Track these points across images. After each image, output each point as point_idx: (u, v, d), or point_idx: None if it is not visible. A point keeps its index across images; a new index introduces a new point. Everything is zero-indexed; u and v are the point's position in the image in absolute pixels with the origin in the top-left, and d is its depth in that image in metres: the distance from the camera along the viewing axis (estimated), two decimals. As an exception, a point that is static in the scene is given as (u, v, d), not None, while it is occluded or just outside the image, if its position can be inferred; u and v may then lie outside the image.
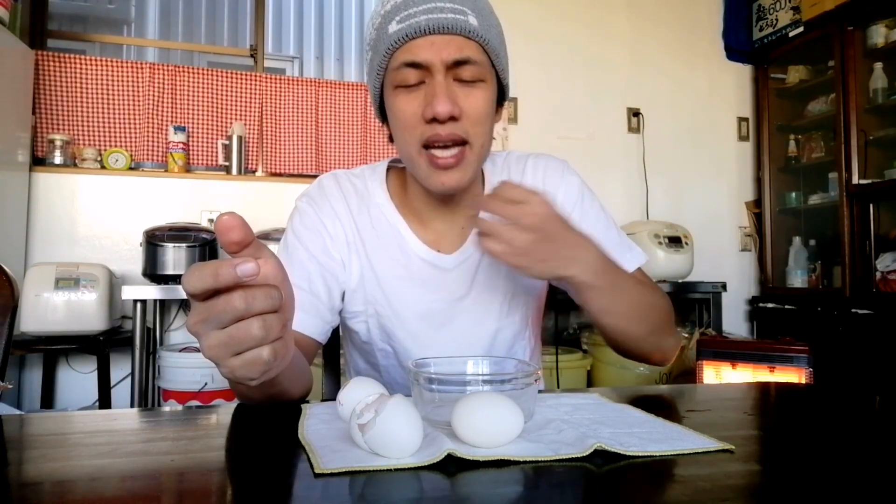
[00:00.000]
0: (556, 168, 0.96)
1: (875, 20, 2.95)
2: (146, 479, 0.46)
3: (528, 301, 0.96)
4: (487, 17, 0.80)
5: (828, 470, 0.50)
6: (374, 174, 0.95)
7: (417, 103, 0.78)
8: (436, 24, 0.75)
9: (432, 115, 0.76)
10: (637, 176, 3.40)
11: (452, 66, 0.77)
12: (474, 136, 0.79)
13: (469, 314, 0.91)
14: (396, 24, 0.77)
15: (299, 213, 0.92)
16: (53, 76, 2.71)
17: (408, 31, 0.76)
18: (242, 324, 0.45)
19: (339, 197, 0.92)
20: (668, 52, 3.51)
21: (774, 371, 2.39)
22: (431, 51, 0.76)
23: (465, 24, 0.76)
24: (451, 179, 0.80)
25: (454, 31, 0.76)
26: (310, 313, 0.84)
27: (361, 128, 3.14)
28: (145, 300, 2.27)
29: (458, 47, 0.76)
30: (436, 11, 0.76)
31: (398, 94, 0.79)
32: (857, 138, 2.98)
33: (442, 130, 0.77)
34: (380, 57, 0.79)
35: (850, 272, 2.97)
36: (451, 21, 0.76)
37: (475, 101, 0.78)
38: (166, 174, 2.80)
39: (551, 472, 0.47)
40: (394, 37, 0.77)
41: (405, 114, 0.79)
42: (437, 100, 0.75)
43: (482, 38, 0.78)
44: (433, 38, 0.76)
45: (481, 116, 0.79)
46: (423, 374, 0.61)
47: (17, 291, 0.92)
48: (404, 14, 0.77)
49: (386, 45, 0.78)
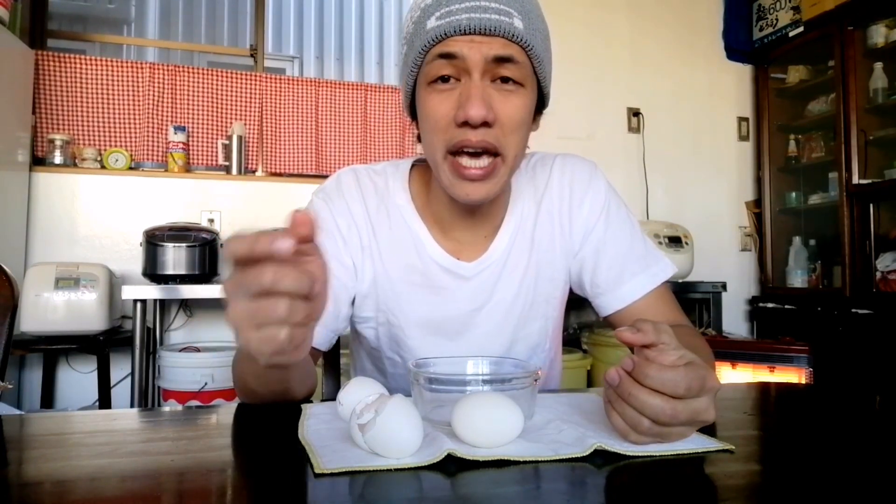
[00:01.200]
0: (584, 173, 0.91)
1: (875, 20, 2.95)
2: (146, 479, 0.46)
3: (547, 312, 0.92)
4: (534, 20, 0.75)
5: (828, 470, 0.50)
6: (396, 172, 0.90)
7: (450, 104, 0.73)
8: (478, 24, 0.70)
9: (464, 118, 0.70)
10: (637, 176, 3.40)
11: (492, 65, 0.71)
12: (506, 146, 0.74)
13: (484, 326, 0.88)
14: (436, 20, 0.72)
15: (314, 210, 0.87)
16: (53, 76, 2.71)
17: (447, 29, 0.71)
18: (270, 300, 0.46)
19: (357, 195, 0.88)
20: (668, 52, 3.51)
21: (774, 371, 2.39)
22: (470, 46, 0.71)
23: (509, 26, 0.71)
24: (477, 192, 0.75)
25: (497, 33, 0.70)
26: None
27: (361, 128, 3.14)
28: (145, 300, 2.27)
29: (501, 46, 0.71)
30: (479, 11, 0.70)
31: (430, 93, 0.74)
32: (857, 138, 2.98)
33: (473, 136, 0.72)
34: (415, 53, 0.74)
35: (850, 272, 2.97)
36: (495, 22, 0.70)
37: (512, 107, 0.73)
38: (166, 174, 2.80)
39: (551, 472, 0.47)
40: (431, 33, 0.72)
41: (437, 114, 0.74)
42: (470, 102, 0.70)
43: (526, 43, 0.72)
44: (474, 37, 0.71)
45: (516, 124, 0.74)
46: (423, 374, 0.61)
47: (17, 291, 0.92)
48: (445, 10, 0.72)
49: (423, 42, 0.73)
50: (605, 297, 0.89)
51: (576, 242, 0.90)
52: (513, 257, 0.88)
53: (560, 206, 0.90)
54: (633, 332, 0.54)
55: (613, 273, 0.88)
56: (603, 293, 0.89)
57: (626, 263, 0.88)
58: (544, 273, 0.90)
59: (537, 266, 0.89)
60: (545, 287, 0.90)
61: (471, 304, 0.87)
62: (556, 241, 0.90)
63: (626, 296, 0.88)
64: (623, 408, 0.53)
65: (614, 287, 0.88)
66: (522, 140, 0.77)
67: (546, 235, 0.90)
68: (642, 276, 0.88)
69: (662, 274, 0.89)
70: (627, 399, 0.52)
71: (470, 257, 0.87)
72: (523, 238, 0.89)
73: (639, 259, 0.89)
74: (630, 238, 0.90)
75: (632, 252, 0.89)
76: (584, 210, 0.90)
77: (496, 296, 0.88)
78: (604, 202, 0.91)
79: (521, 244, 0.89)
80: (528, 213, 0.90)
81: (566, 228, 0.90)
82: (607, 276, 0.89)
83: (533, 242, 0.89)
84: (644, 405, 0.51)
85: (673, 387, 0.52)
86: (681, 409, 0.52)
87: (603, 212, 0.90)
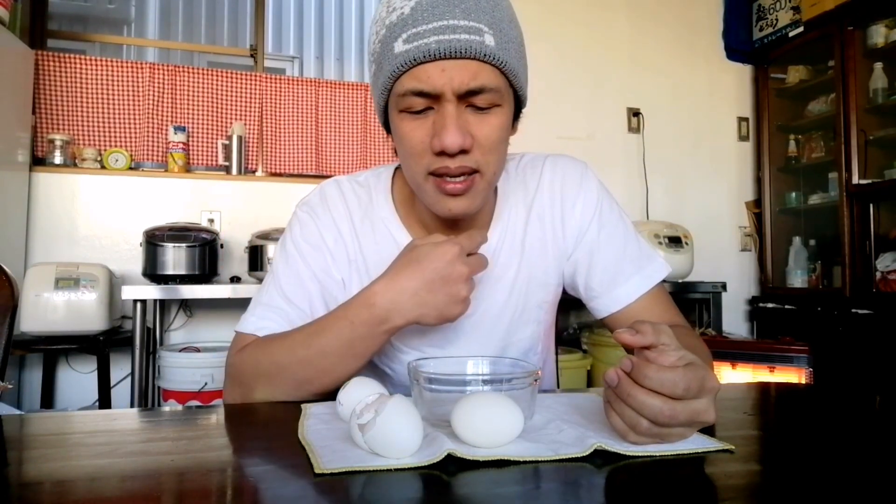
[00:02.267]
0: (575, 174, 0.90)
1: (875, 20, 2.95)
2: (146, 479, 0.46)
3: (539, 317, 0.91)
4: (506, 30, 0.71)
5: (828, 470, 0.50)
6: (378, 183, 0.89)
7: (424, 131, 0.71)
8: (447, 47, 0.67)
9: (441, 147, 0.69)
10: (637, 176, 3.40)
11: (465, 95, 0.69)
12: (486, 164, 0.73)
13: (475, 334, 0.87)
14: (403, 43, 0.68)
15: (299, 223, 0.87)
16: (53, 76, 2.71)
17: (416, 55, 0.68)
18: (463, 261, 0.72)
19: (343, 209, 0.87)
20: (668, 52, 3.51)
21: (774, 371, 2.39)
22: (442, 78, 0.68)
23: (479, 45, 0.67)
24: (458, 206, 0.74)
25: (468, 56, 0.67)
26: None
27: (361, 128, 3.14)
28: (145, 300, 2.27)
29: (472, 74, 0.68)
30: (447, 31, 0.67)
31: (403, 120, 0.72)
32: (857, 138, 2.98)
33: (451, 163, 0.70)
34: (384, 77, 0.71)
35: (850, 272, 2.97)
36: (465, 43, 0.67)
37: (488, 128, 0.71)
38: (166, 174, 2.80)
39: (551, 472, 0.47)
40: (400, 59, 0.69)
41: (412, 140, 0.72)
42: (446, 132, 0.68)
43: (499, 61, 0.69)
44: (444, 63, 0.67)
45: (494, 144, 0.73)
46: (423, 374, 0.61)
47: (17, 291, 0.92)
48: (412, 32, 0.68)
49: (392, 67, 0.70)
50: (601, 299, 0.88)
51: (569, 245, 0.89)
52: (501, 263, 0.87)
53: (552, 209, 0.89)
54: (632, 334, 0.54)
55: (608, 276, 0.87)
56: (598, 296, 0.88)
57: (620, 265, 0.87)
58: (536, 278, 0.89)
59: (529, 271, 0.88)
60: (537, 293, 0.89)
61: None
62: (549, 245, 0.89)
63: (621, 298, 0.87)
64: (622, 408, 0.53)
65: (609, 289, 0.87)
66: (502, 155, 0.76)
67: (537, 240, 0.88)
68: (637, 278, 0.87)
69: (657, 274, 0.88)
70: (626, 400, 0.52)
71: None
72: (512, 244, 0.88)
73: (633, 260, 0.88)
74: (623, 239, 0.89)
75: (626, 253, 0.88)
76: (576, 212, 0.89)
77: (485, 303, 0.86)
78: (596, 203, 0.89)
79: (510, 250, 0.87)
80: (517, 219, 0.88)
81: (559, 231, 0.89)
82: (602, 278, 0.88)
83: (524, 248, 0.88)
84: (643, 406, 0.51)
85: (672, 387, 0.51)
86: (680, 409, 0.52)
87: (596, 213, 0.89)
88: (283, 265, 0.86)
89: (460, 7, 0.68)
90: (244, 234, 2.67)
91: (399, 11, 0.70)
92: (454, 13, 0.68)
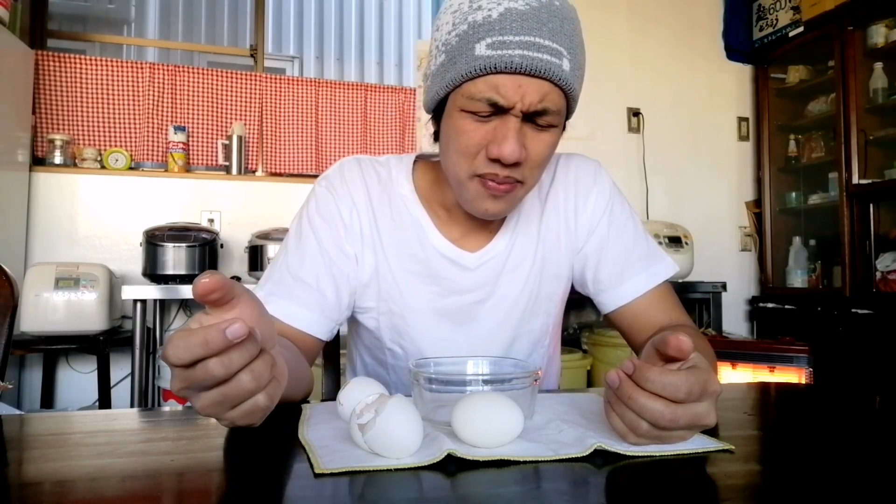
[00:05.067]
0: (588, 171, 0.92)
1: (875, 20, 2.95)
2: (146, 479, 0.46)
3: (549, 308, 0.92)
4: (579, 56, 0.73)
5: (828, 470, 0.50)
6: (399, 164, 0.91)
7: (483, 134, 0.72)
8: (530, 65, 0.68)
9: (498, 156, 0.71)
10: (637, 176, 3.40)
11: (531, 112, 0.71)
12: (530, 177, 0.76)
13: (487, 319, 0.88)
14: (487, 48, 0.69)
15: (316, 197, 0.88)
16: (53, 76, 2.71)
17: (498, 63, 0.68)
18: (233, 381, 0.46)
19: (360, 184, 0.88)
20: (668, 52, 3.51)
21: (774, 371, 2.39)
22: (517, 94, 0.69)
23: (558, 69, 0.69)
24: (495, 208, 0.77)
25: (546, 76, 0.69)
26: (314, 311, 0.82)
27: (361, 128, 3.14)
28: (145, 300, 2.27)
29: (543, 94, 0.70)
30: (533, 49, 0.68)
31: (465, 118, 0.73)
32: (857, 138, 2.98)
33: (501, 171, 0.73)
34: (456, 73, 0.72)
35: (850, 272, 2.97)
36: (546, 64, 0.68)
37: (542, 146, 0.74)
38: (166, 174, 2.80)
39: (551, 472, 0.47)
40: (481, 62, 0.69)
41: (469, 140, 0.73)
42: (507, 143, 0.70)
43: (569, 87, 0.72)
44: (522, 78, 0.69)
45: (543, 161, 0.76)
46: (423, 374, 0.61)
47: (17, 291, 0.92)
48: (498, 40, 0.68)
49: (469, 67, 0.70)
50: (607, 294, 0.90)
51: (580, 239, 0.91)
52: (517, 251, 0.89)
53: (565, 203, 0.91)
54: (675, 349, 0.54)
55: (615, 270, 0.89)
56: (605, 290, 0.90)
57: (628, 261, 0.89)
58: (549, 269, 0.91)
59: (543, 262, 0.90)
60: (549, 283, 0.91)
61: (474, 295, 0.88)
62: (562, 237, 0.91)
63: (627, 293, 0.88)
64: (623, 410, 0.53)
65: (616, 284, 0.89)
66: (544, 170, 0.79)
67: (551, 233, 0.91)
68: (644, 275, 0.89)
69: (664, 273, 0.90)
70: (627, 402, 0.52)
71: (473, 248, 0.87)
72: (528, 232, 0.90)
73: (641, 258, 0.90)
74: (633, 236, 0.91)
75: (634, 250, 0.90)
76: (588, 207, 0.91)
77: (500, 290, 0.88)
78: (608, 200, 0.92)
79: (526, 238, 0.89)
80: (531, 211, 0.90)
81: (571, 225, 0.91)
82: (609, 273, 0.89)
83: (539, 237, 0.90)
84: (643, 409, 0.51)
85: (673, 391, 0.51)
86: (681, 413, 0.52)
87: (607, 209, 0.91)
88: (294, 240, 0.87)
89: (548, 27, 0.69)
90: (244, 234, 2.68)
91: (486, 12, 0.70)
92: (542, 32, 0.69)
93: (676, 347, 0.54)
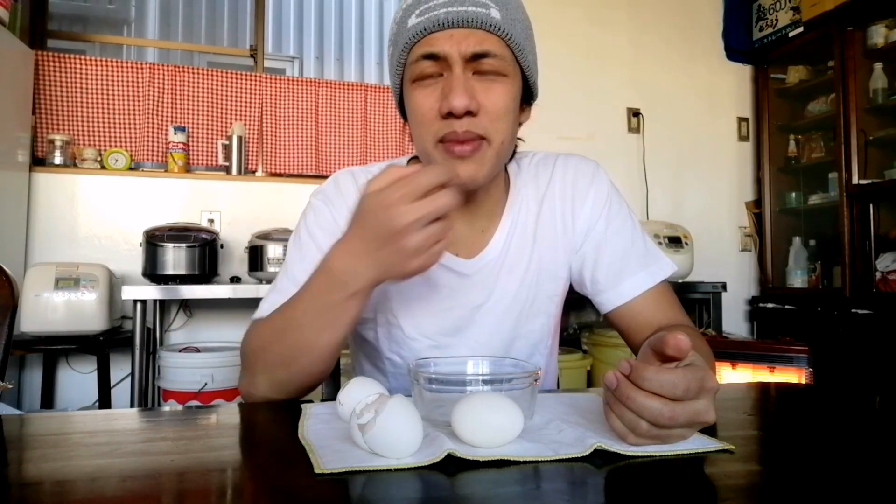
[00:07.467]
0: (586, 172, 0.93)
1: (875, 20, 2.95)
2: (146, 479, 0.46)
3: (548, 309, 0.92)
4: (512, 10, 0.77)
5: (828, 470, 0.50)
6: None
7: (434, 98, 0.75)
8: (455, 17, 0.73)
9: (448, 109, 0.72)
10: (637, 176, 3.40)
11: (472, 59, 0.74)
12: (493, 131, 0.75)
13: (485, 324, 0.88)
14: (415, 17, 0.75)
15: (314, 210, 0.89)
16: (53, 76, 2.71)
17: (426, 25, 0.74)
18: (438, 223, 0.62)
19: (356, 195, 0.86)
20: (669, 51, 3.51)
21: (774, 371, 2.39)
22: (450, 43, 0.73)
23: (486, 17, 0.73)
24: (466, 171, 0.75)
25: (474, 25, 0.73)
26: None
27: (361, 128, 3.14)
28: (145, 300, 2.27)
29: (479, 40, 0.73)
30: (456, 4, 0.73)
31: (415, 89, 0.77)
32: (857, 138, 2.98)
33: (458, 127, 0.73)
34: (398, 51, 0.78)
35: (850, 272, 2.97)
36: (472, 14, 0.73)
37: (494, 95, 0.75)
38: (166, 174, 2.80)
39: (551, 472, 0.47)
40: (412, 30, 0.75)
41: (422, 108, 0.76)
42: (453, 93, 0.72)
43: (504, 33, 0.75)
44: (452, 31, 0.73)
45: (501, 112, 0.76)
46: (423, 374, 0.61)
47: (17, 291, 0.92)
48: (424, 7, 0.75)
49: (405, 40, 0.76)
50: (606, 293, 0.90)
51: (578, 239, 0.91)
52: (512, 253, 0.88)
53: (563, 204, 0.91)
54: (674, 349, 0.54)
55: (613, 270, 0.89)
56: (603, 290, 0.90)
57: (626, 261, 0.89)
58: (547, 270, 0.90)
59: (539, 263, 0.90)
60: (547, 284, 0.91)
61: (471, 301, 0.87)
62: (559, 238, 0.91)
63: (625, 292, 0.88)
64: (622, 411, 0.53)
65: (614, 284, 0.89)
66: (509, 127, 0.78)
67: (549, 232, 0.90)
68: (642, 274, 0.88)
69: (662, 272, 0.90)
70: (626, 402, 0.52)
71: (468, 254, 0.87)
72: (524, 234, 0.89)
73: (639, 257, 0.89)
74: (631, 236, 0.91)
75: (632, 250, 0.90)
76: (586, 207, 0.91)
77: (497, 293, 0.88)
78: (606, 200, 0.92)
79: (522, 241, 0.89)
80: (528, 210, 0.90)
81: (569, 225, 0.91)
82: (607, 272, 0.89)
83: (535, 239, 0.90)
84: (642, 408, 0.51)
85: (671, 389, 0.51)
86: (680, 411, 0.52)
87: (605, 209, 0.91)
88: (295, 252, 0.87)
89: None
90: (244, 235, 2.67)
91: None
92: None
93: (675, 346, 0.54)
